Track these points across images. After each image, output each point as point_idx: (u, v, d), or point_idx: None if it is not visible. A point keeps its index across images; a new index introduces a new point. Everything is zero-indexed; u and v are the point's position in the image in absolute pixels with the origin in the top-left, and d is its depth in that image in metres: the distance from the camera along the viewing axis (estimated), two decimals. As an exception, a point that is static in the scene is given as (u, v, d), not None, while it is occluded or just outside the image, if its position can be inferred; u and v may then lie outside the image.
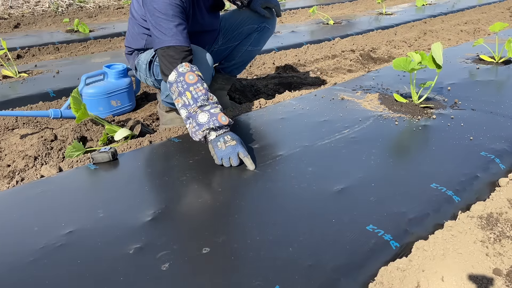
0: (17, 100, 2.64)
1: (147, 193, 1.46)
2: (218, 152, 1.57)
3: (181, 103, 1.63)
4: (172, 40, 1.68)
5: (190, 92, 1.60)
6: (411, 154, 1.72)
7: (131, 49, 2.14)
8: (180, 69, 1.63)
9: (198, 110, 1.59)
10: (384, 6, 5.90)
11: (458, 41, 4.08)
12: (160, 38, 1.70)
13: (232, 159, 1.56)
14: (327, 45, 4.06)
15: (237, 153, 1.56)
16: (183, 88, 1.61)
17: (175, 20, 1.71)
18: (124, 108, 2.52)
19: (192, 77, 1.62)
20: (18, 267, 1.12)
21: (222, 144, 1.57)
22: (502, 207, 1.34)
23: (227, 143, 1.57)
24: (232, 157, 1.55)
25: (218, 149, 1.57)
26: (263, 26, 2.32)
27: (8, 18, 5.96)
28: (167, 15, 1.70)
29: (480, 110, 2.07)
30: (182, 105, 1.62)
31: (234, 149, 1.56)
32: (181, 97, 1.62)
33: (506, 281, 1.07)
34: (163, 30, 1.69)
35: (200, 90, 1.60)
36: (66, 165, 1.82)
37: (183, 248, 1.16)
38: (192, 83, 1.61)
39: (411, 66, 2.05)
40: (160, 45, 1.69)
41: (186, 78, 1.62)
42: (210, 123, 1.56)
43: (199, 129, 1.58)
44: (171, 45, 1.67)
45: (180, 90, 1.62)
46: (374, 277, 1.08)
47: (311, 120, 2.02)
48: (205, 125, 1.56)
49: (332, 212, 1.30)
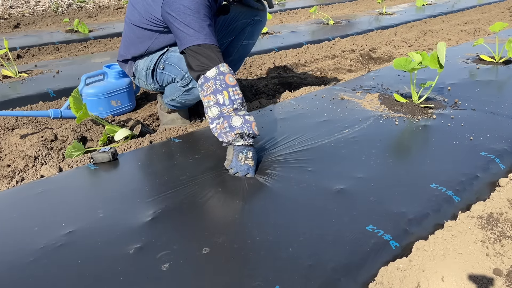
0: (17, 100, 2.64)
1: (147, 193, 1.46)
2: (234, 161, 1.55)
3: (213, 101, 1.58)
4: (207, 38, 1.66)
5: (228, 93, 1.57)
6: (411, 154, 1.72)
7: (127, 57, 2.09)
8: (222, 68, 1.61)
9: (232, 113, 1.56)
10: (384, 6, 5.90)
11: (458, 41, 4.08)
12: (192, 36, 1.66)
13: (239, 174, 1.55)
14: (327, 45, 4.06)
15: (254, 169, 1.56)
16: (221, 86, 1.58)
17: (206, 20, 1.69)
18: (124, 108, 2.52)
19: (232, 79, 1.60)
20: (18, 267, 1.12)
21: (242, 158, 1.55)
22: (502, 207, 1.34)
23: (247, 160, 1.55)
24: (241, 174, 1.54)
25: (236, 159, 1.55)
26: (256, 19, 2.33)
27: (8, 18, 5.96)
28: (199, 14, 1.68)
29: (480, 110, 2.07)
30: (214, 103, 1.58)
31: (248, 170, 1.55)
32: (216, 95, 1.57)
33: (506, 281, 1.07)
34: (195, 28, 1.66)
35: (238, 94, 1.59)
36: (66, 165, 1.82)
37: (183, 248, 1.16)
38: (231, 85, 1.58)
39: (411, 66, 2.05)
40: (193, 43, 1.65)
41: (227, 78, 1.59)
42: (243, 128, 1.54)
43: (231, 131, 1.54)
44: (206, 43, 1.65)
45: (218, 88, 1.58)
46: (374, 277, 1.08)
47: (311, 120, 2.02)
48: (238, 129, 1.54)
49: (332, 212, 1.30)
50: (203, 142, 1.81)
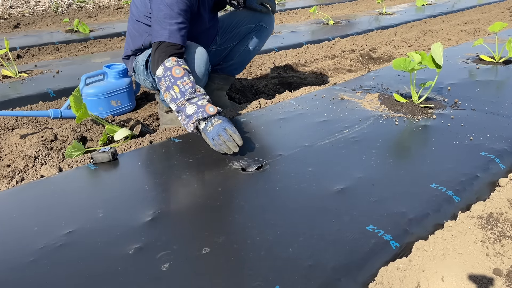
0: (17, 100, 2.64)
1: (147, 193, 1.46)
2: (208, 134, 1.62)
3: (169, 97, 1.67)
4: (169, 37, 1.72)
5: (177, 86, 1.64)
6: (411, 154, 1.72)
7: (128, 53, 2.14)
8: (167, 64, 1.67)
9: (186, 103, 1.64)
10: (384, 6, 5.90)
11: (458, 41, 4.08)
12: (158, 32, 1.73)
13: (221, 135, 1.59)
14: (327, 45, 4.06)
15: (225, 129, 1.60)
16: (170, 82, 1.65)
17: (178, 18, 1.73)
18: (124, 108, 2.52)
19: (178, 71, 1.66)
20: (18, 267, 1.12)
21: (210, 127, 1.62)
22: (502, 207, 1.34)
23: (214, 124, 1.62)
24: (221, 133, 1.59)
25: (208, 132, 1.63)
26: (261, 26, 2.32)
27: (8, 18, 5.96)
28: (172, 11, 1.72)
29: (480, 110, 2.07)
30: (170, 99, 1.67)
31: (221, 126, 1.60)
32: (169, 92, 1.66)
33: (506, 281, 1.07)
34: (163, 25, 1.72)
35: (187, 83, 1.65)
36: (66, 165, 1.81)
37: (183, 248, 1.16)
38: (179, 77, 1.65)
39: (411, 66, 2.05)
40: (156, 39, 1.73)
41: (173, 72, 1.65)
42: (198, 114, 1.62)
43: (189, 121, 1.64)
44: (165, 41, 1.71)
45: (168, 85, 1.66)
46: (374, 277, 1.08)
47: (311, 120, 2.02)
48: (193, 117, 1.62)
49: (332, 212, 1.30)
50: (203, 142, 1.81)
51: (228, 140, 1.59)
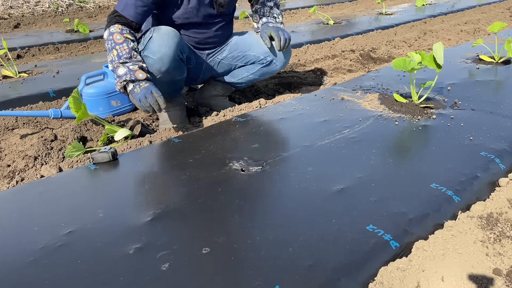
0: (17, 100, 2.64)
1: (147, 193, 1.46)
2: (135, 95, 1.82)
3: (109, 58, 1.88)
4: (123, 9, 1.90)
5: (116, 50, 1.85)
6: (411, 154, 1.72)
7: None
8: (112, 29, 1.87)
9: (120, 66, 1.84)
10: (384, 6, 5.90)
11: (458, 41, 4.08)
12: (118, 5, 1.92)
13: (148, 98, 1.79)
14: (327, 45, 4.06)
15: (151, 92, 1.80)
16: (111, 46, 1.86)
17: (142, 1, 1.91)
18: (124, 108, 2.52)
19: (119, 37, 1.86)
20: (18, 267, 1.12)
21: (137, 89, 1.82)
22: (502, 207, 1.34)
23: (141, 87, 1.82)
24: (148, 95, 1.79)
25: (134, 93, 1.82)
26: (269, 60, 2.30)
27: (8, 18, 5.96)
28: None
29: (480, 110, 2.07)
30: (110, 61, 1.87)
31: (148, 89, 1.81)
32: (109, 53, 1.87)
33: (506, 281, 1.07)
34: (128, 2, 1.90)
35: (124, 49, 1.84)
36: (66, 165, 1.82)
37: (183, 248, 1.16)
38: (119, 43, 1.85)
39: (411, 66, 2.05)
40: (115, 8, 1.92)
41: (114, 37, 1.86)
42: (127, 75, 1.82)
43: (119, 81, 1.84)
44: (119, 13, 1.90)
45: (109, 47, 1.87)
46: (374, 277, 1.08)
47: (311, 120, 2.02)
48: (122, 77, 1.82)
49: (332, 212, 1.30)
50: (203, 142, 1.81)
51: (154, 103, 1.80)
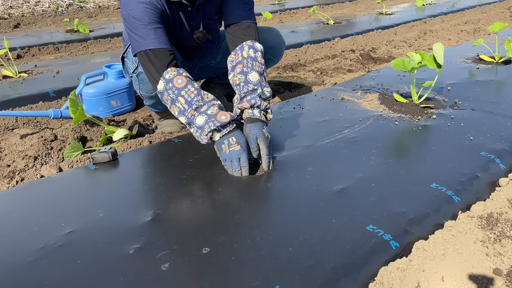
0: (17, 100, 2.64)
1: (147, 193, 1.46)
2: (222, 154, 1.54)
3: (177, 110, 1.56)
4: (152, 43, 1.62)
5: (183, 97, 1.54)
6: (411, 154, 1.72)
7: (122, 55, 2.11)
8: (167, 76, 1.57)
9: (195, 113, 1.52)
10: (384, 6, 5.90)
11: (458, 41, 4.08)
12: (139, 41, 1.63)
13: (233, 163, 1.52)
14: (327, 45, 4.06)
15: (238, 159, 1.52)
16: (174, 94, 1.55)
17: (152, 25, 1.64)
18: (124, 108, 2.52)
19: (180, 80, 1.56)
20: (18, 267, 1.12)
21: (226, 148, 1.52)
22: (502, 207, 1.34)
23: (231, 147, 1.52)
24: (234, 161, 1.52)
25: (222, 152, 1.53)
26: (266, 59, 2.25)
27: (8, 18, 5.96)
28: (143, 21, 1.63)
29: (480, 110, 2.07)
30: (178, 113, 1.56)
31: (237, 155, 1.52)
32: (175, 104, 1.55)
33: (506, 281, 1.07)
34: (142, 34, 1.63)
35: (192, 92, 1.54)
36: (66, 165, 1.82)
37: (183, 248, 1.16)
38: (182, 87, 1.54)
39: (411, 66, 2.05)
40: (140, 48, 1.63)
41: (175, 83, 1.55)
42: (210, 124, 1.49)
43: (202, 133, 1.52)
44: (152, 48, 1.61)
45: (173, 98, 1.55)
46: (374, 277, 1.08)
47: (311, 120, 2.02)
48: (205, 128, 1.50)
49: (332, 212, 1.30)
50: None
51: (236, 172, 1.52)
